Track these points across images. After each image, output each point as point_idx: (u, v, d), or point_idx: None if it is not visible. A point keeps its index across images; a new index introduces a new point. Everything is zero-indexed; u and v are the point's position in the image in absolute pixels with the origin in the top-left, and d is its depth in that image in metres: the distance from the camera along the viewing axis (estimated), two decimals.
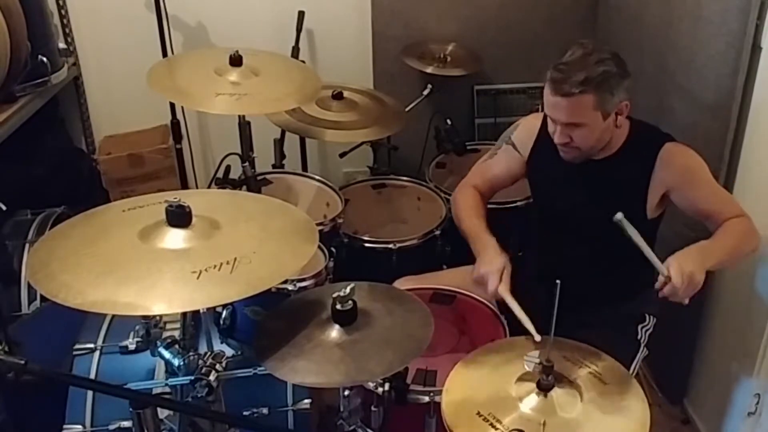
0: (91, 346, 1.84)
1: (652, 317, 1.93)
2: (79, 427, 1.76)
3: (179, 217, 1.38)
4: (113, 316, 1.88)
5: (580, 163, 1.82)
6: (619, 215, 1.59)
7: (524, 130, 1.99)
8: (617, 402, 1.42)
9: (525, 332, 1.64)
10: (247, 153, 2.29)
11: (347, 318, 1.46)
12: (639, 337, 1.90)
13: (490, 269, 1.75)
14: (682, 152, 1.78)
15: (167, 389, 1.74)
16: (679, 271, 1.55)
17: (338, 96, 2.56)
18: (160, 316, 1.66)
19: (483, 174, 2.06)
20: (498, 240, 1.86)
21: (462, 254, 2.24)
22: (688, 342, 2.28)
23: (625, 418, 1.40)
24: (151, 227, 1.39)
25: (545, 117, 1.85)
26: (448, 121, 2.78)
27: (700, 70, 2.08)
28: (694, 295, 1.59)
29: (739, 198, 2.02)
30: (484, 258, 1.80)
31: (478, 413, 1.36)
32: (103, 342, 1.85)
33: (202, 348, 1.63)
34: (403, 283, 2.05)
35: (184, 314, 1.67)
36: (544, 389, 1.40)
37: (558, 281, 1.33)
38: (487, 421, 1.35)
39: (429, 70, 2.79)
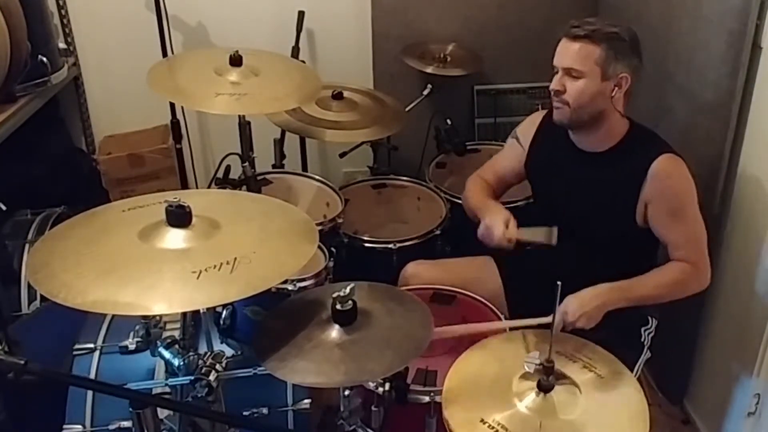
0: (91, 346, 1.84)
1: (653, 319, 1.93)
2: (79, 427, 1.76)
3: (179, 217, 1.38)
4: (113, 316, 1.88)
5: (576, 156, 1.82)
6: None
7: (527, 123, 2.03)
8: (614, 395, 1.43)
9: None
10: (247, 153, 2.29)
11: (347, 318, 1.46)
12: (642, 339, 1.90)
13: (494, 219, 1.82)
14: (675, 172, 1.75)
15: (167, 389, 1.74)
16: (569, 316, 1.67)
17: (338, 96, 2.56)
18: (160, 316, 1.66)
19: (491, 167, 2.11)
20: None
21: (462, 254, 2.25)
22: (688, 342, 2.28)
23: (624, 410, 1.40)
24: (151, 227, 1.39)
25: (548, 112, 1.87)
26: (448, 121, 2.78)
27: (700, 70, 2.08)
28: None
29: (739, 198, 2.03)
30: (486, 214, 1.86)
31: (481, 420, 1.36)
32: (103, 342, 1.85)
33: (202, 348, 1.63)
34: (415, 267, 2.09)
35: (184, 314, 1.67)
36: (544, 389, 1.40)
37: (558, 282, 1.34)
38: (493, 428, 1.35)
39: (429, 70, 2.79)
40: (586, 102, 1.74)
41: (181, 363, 1.55)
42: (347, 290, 1.45)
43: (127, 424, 1.73)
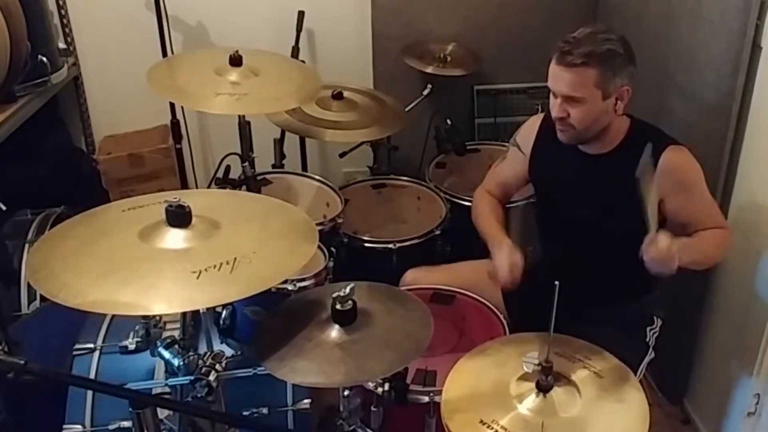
0: (91, 346, 1.84)
1: (658, 319, 1.93)
2: (79, 427, 1.76)
3: (179, 217, 1.38)
4: (113, 316, 1.88)
5: (579, 158, 1.82)
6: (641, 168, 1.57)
7: (526, 130, 2.01)
8: (615, 395, 1.43)
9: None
10: (247, 153, 2.29)
11: (347, 318, 1.46)
12: (647, 339, 1.90)
13: (500, 263, 1.81)
14: (682, 161, 1.76)
15: (167, 389, 1.74)
16: (665, 244, 1.61)
17: (338, 96, 2.56)
18: (160, 316, 1.66)
19: (495, 178, 2.09)
20: None
21: (462, 254, 2.25)
22: (688, 342, 2.28)
23: (626, 411, 1.40)
24: (151, 227, 1.39)
25: (545, 116, 1.86)
26: (449, 121, 2.78)
27: (700, 70, 2.08)
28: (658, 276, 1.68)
29: (739, 198, 2.03)
30: (494, 252, 1.85)
31: (481, 421, 1.36)
32: (103, 342, 1.84)
33: (202, 348, 1.62)
34: (413, 274, 2.09)
35: (184, 314, 1.67)
36: (543, 390, 1.40)
37: (557, 282, 1.33)
38: (491, 428, 1.35)
39: (429, 70, 2.79)
40: (591, 123, 1.73)
41: (181, 363, 1.54)
42: (347, 290, 1.45)
43: (127, 424, 1.73)
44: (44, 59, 2.55)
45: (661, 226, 1.83)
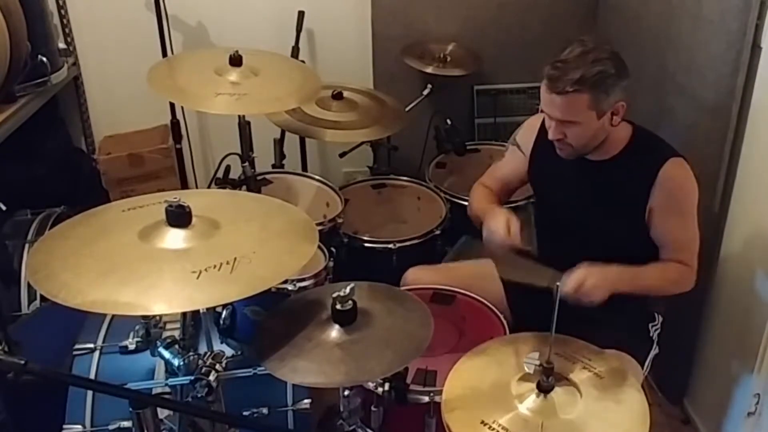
0: (91, 346, 1.84)
1: (659, 316, 1.93)
2: (79, 427, 1.76)
3: (179, 217, 1.38)
4: (113, 316, 1.88)
5: (580, 163, 1.82)
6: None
7: (527, 130, 2.01)
8: (616, 396, 1.43)
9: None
10: (247, 153, 2.29)
11: (347, 318, 1.46)
12: (651, 334, 1.91)
13: (495, 223, 1.79)
14: (682, 177, 1.76)
15: (167, 389, 1.74)
16: (573, 283, 1.64)
17: (338, 96, 2.56)
18: (160, 316, 1.66)
19: (493, 175, 2.10)
20: None
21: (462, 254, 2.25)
22: (688, 342, 2.28)
23: (626, 412, 1.40)
24: (151, 227, 1.39)
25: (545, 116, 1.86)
26: (448, 121, 2.78)
27: (700, 70, 2.08)
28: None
29: (739, 198, 2.03)
30: (488, 218, 1.82)
31: (482, 421, 1.36)
32: (103, 342, 1.84)
33: (202, 348, 1.62)
34: (415, 272, 2.09)
35: (184, 314, 1.67)
36: (544, 390, 1.40)
37: (558, 283, 1.34)
38: (492, 428, 1.35)
39: (429, 70, 2.79)
40: (588, 140, 1.74)
41: (181, 363, 1.54)
42: (347, 290, 1.45)
43: (127, 424, 1.73)
44: (44, 59, 2.54)
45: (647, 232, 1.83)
